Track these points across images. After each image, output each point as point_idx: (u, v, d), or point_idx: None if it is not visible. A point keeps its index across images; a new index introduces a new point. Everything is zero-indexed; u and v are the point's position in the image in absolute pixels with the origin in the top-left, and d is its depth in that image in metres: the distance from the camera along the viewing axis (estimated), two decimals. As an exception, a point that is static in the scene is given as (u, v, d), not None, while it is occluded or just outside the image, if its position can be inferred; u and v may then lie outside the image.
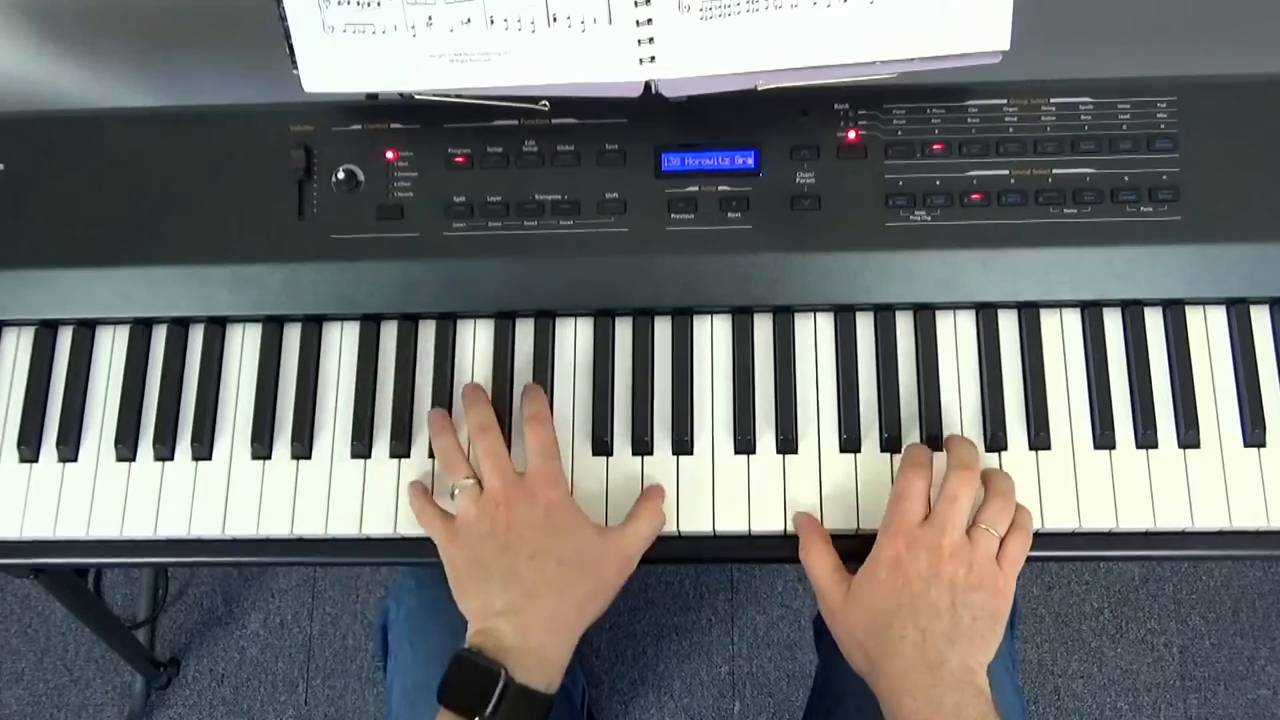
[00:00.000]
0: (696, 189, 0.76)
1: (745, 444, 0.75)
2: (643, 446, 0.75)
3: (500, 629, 0.65)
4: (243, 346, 0.79)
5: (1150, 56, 0.82)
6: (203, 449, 0.77)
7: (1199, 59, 0.79)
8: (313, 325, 0.79)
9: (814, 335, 0.77)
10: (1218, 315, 0.76)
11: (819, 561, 0.70)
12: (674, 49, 0.68)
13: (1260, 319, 0.76)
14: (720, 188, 0.76)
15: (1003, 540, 0.68)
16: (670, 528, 0.74)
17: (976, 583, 0.65)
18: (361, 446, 0.76)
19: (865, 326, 0.77)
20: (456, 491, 0.71)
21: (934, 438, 0.74)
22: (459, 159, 0.77)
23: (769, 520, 0.74)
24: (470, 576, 0.68)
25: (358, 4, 0.68)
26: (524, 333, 0.78)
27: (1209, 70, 0.76)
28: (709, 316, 0.78)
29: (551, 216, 0.76)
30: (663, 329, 0.78)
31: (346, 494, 0.76)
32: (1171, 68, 0.77)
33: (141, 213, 0.77)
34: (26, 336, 0.80)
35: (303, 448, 0.76)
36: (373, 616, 1.51)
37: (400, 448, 0.76)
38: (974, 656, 0.65)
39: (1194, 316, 0.76)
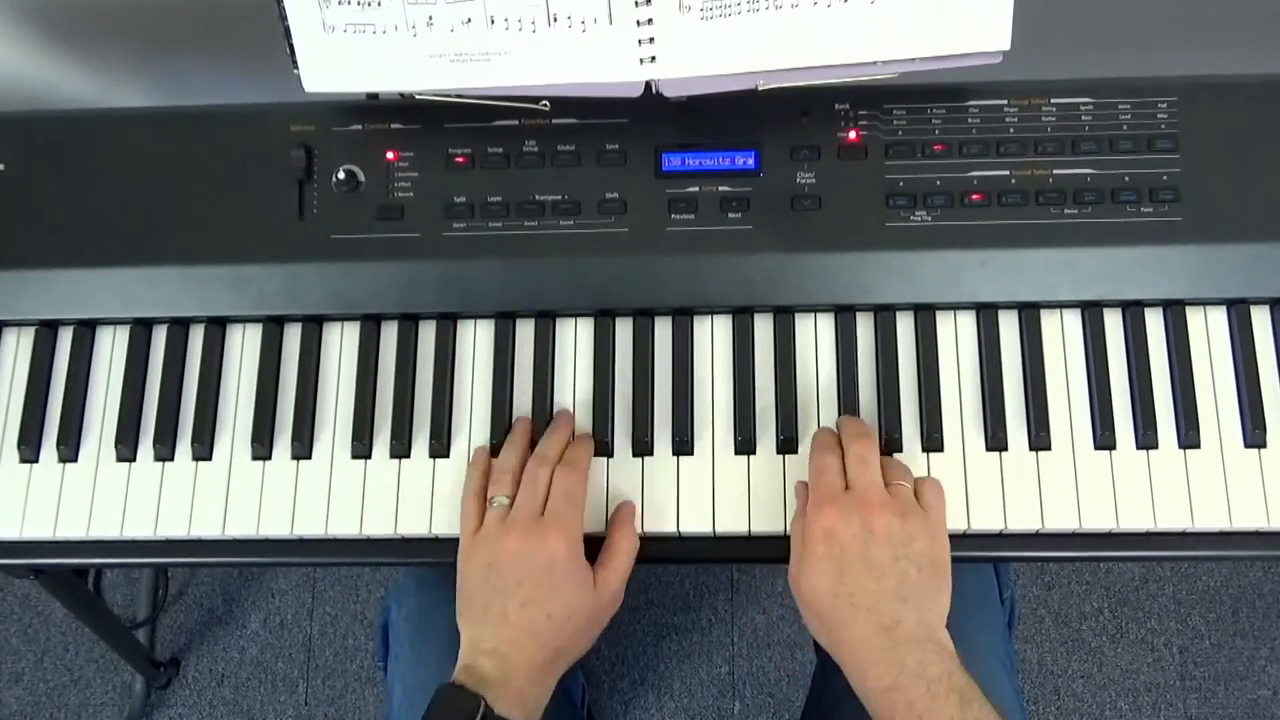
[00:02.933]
0: (697, 189, 0.76)
1: (745, 444, 0.75)
2: (643, 447, 0.75)
3: (484, 667, 0.67)
4: (243, 346, 0.79)
5: (1150, 56, 0.82)
6: (203, 449, 0.77)
7: (1199, 59, 0.79)
8: (313, 325, 0.79)
9: (814, 335, 0.77)
10: (1218, 315, 0.76)
11: (797, 531, 0.70)
12: (674, 49, 0.68)
13: (1260, 319, 0.76)
14: (720, 188, 0.76)
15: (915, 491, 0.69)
16: (670, 528, 0.74)
17: (913, 531, 0.66)
18: (362, 447, 0.76)
19: (865, 326, 0.77)
20: (492, 504, 0.72)
21: (934, 438, 0.74)
22: (459, 159, 0.77)
23: (769, 520, 0.74)
24: (470, 604, 0.70)
25: (358, 4, 0.68)
26: (524, 333, 0.78)
27: (1209, 70, 0.76)
28: (709, 316, 0.78)
29: (551, 216, 0.76)
30: (663, 329, 0.78)
31: (346, 494, 0.76)
32: (1171, 68, 0.77)
33: (141, 213, 0.77)
34: (26, 336, 0.80)
35: (303, 448, 0.76)
36: (373, 616, 1.51)
37: (400, 448, 0.76)
38: (929, 612, 0.65)
39: (1194, 316, 0.76)
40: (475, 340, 0.78)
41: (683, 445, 0.75)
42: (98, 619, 1.29)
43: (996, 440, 0.74)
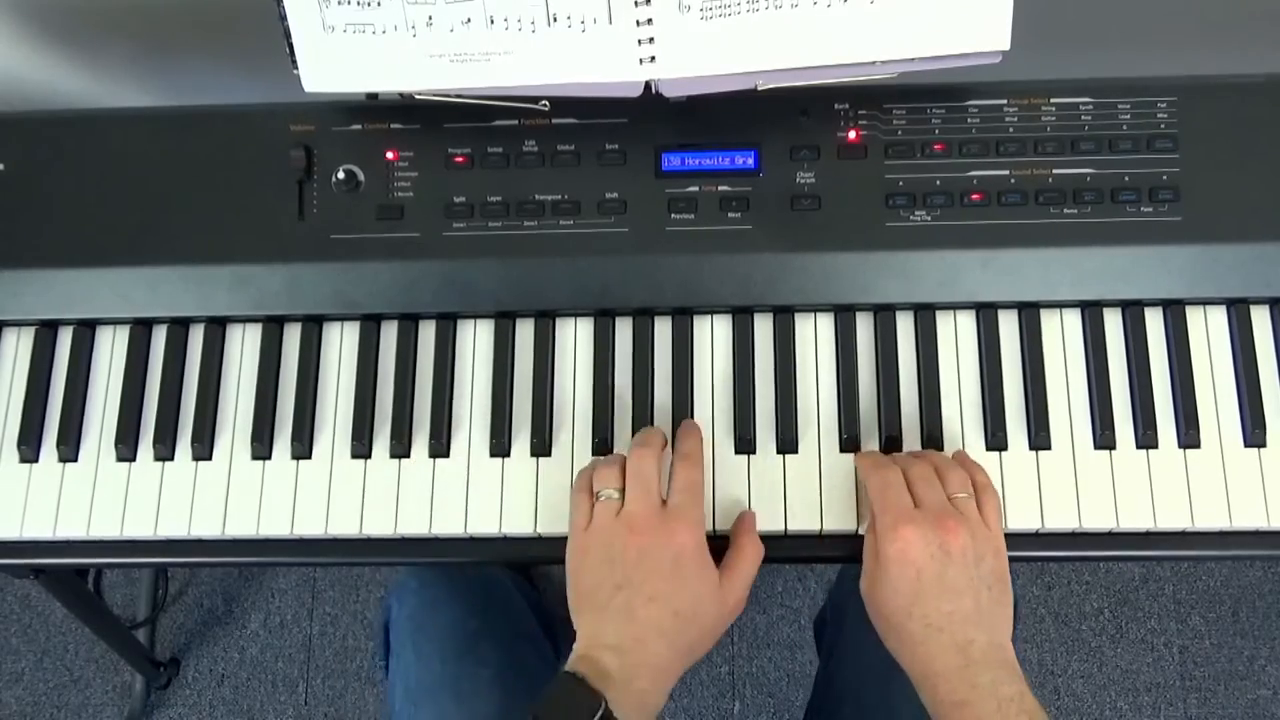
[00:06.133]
0: (696, 189, 0.76)
1: (745, 444, 0.75)
2: (643, 446, 0.75)
3: (606, 662, 0.64)
4: (243, 346, 0.79)
5: (1150, 56, 0.82)
6: (203, 449, 0.77)
7: (1199, 59, 0.79)
8: (313, 325, 0.79)
9: (814, 335, 0.77)
10: (1218, 315, 0.76)
11: (870, 544, 0.69)
12: (674, 49, 0.68)
13: (1260, 319, 0.76)
14: (720, 188, 0.76)
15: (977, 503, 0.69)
16: (670, 528, 0.74)
17: (981, 551, 0.66)
18: (361, 446, 0.76)
19: (865, 326, 0.77)
20: (600, 498, 0.69)
21: (934, 438, 0.74)
22: (459, 159, 0.77)
23: (768, 520, 0.74)
24: (588, 598, 0.67)
25: (358, 4, 0.68)
26: (524, 333, 0.78)
27: (1209, 70, 0.76)
28: (709, 316, 0.78)
29: (551, 216, 0.76)
30: (663, 329, 0.78)
31: (346, 494, 0.76)
32: (1171, 68, 0.77)
33: (141, 213, 0.77)
34: (26, 336, 0.80)
35: (303, 448, 0.76)
36: (373, 616, 1.51)
37: (400, 448, 0.76)
38: (999, 632, 0.65)
39: (1194, 316, 0.76)
40: (475, 340, 0.78)
41: (683, 445, 0.75)
42: (98, 619, 1.29)
43: (996, 440, 0.74)
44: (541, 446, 0.75)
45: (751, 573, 0.71)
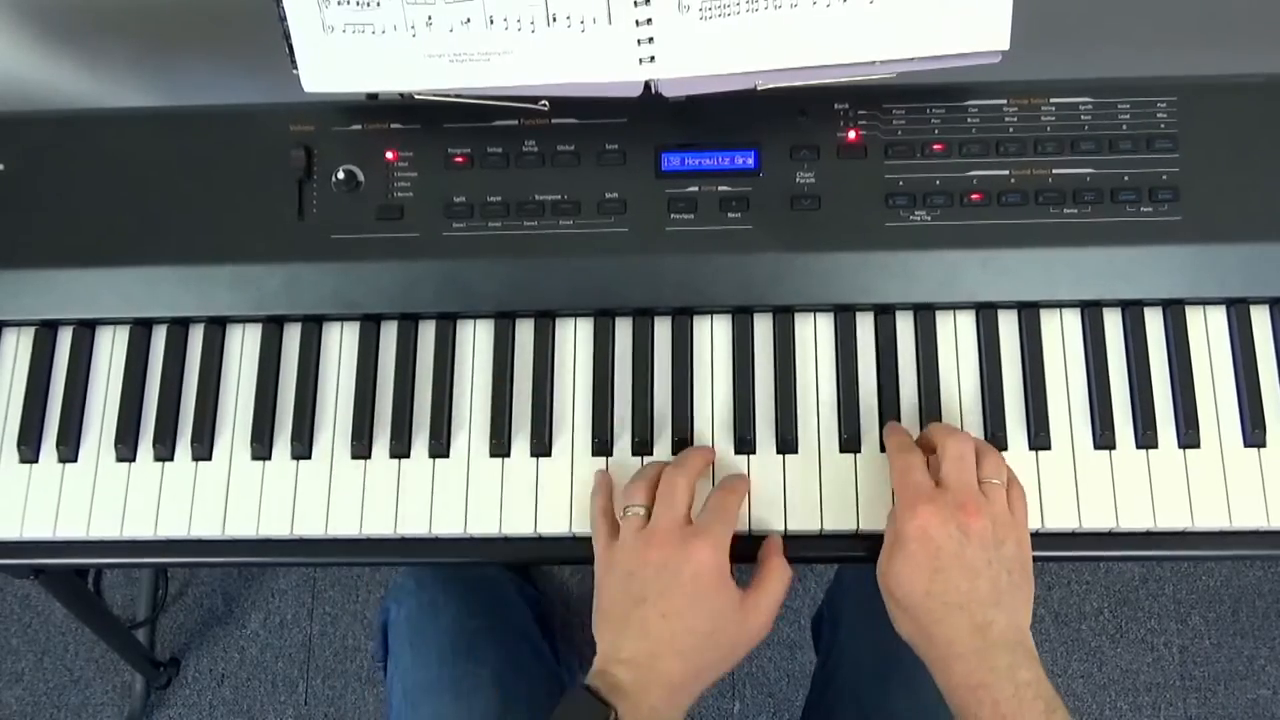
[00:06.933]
0: (696, 189, 0.76)
1: (745, 444, 0.75)
2: (643, 447, 0.75)
3: (619, 676, 0.64)
4: (243, 346, 0.79)
5: (1150, 56, 0.82)
6: (202, 449, 0.77)
7: (1199, 59, 0.79)
8: (313, 325, 0.79)
9: (814, 335, 0.77)
10: (1218, 315, 0.76)
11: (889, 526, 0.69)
12: (674, 49, 0.68)
13: (1260, 319, 0.76)
14: (720, 188, 0.76)
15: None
16: (670, 528, 0.74)
17: (1003, 536, 0.66)
18: (361, 447, 0.76)
19: (865, 326, 0.77)
20: (626, 513, 0.69)
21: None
22: (459, 159, 0.77)
23: (769, 520, 0.74)
24: (607, 613, 0.67)
25: (358, 4, 0.68)
26: (524, 333, 0.78)
27: (1209, 70, 0.76)
28: (709, 316, 0.78)
29: (551, 216, 0.76)
30: (663, 329, 0.78)
31: (347, 494, 0.76)
32: (1171, 68, 0.77)
33: (141, 213, 0.77)
34: (26, 336, 0.80)
35: (303, 448, 0.76)
36: (373, 616, 1.51)
37: (400, 448, 0.76)
38: (1018, 615, 0.65)
39: (1194, 316, 0.76)
40: (475, 340, 0.78)
41: (682, 445, 0.75)
42: (98, 619, 1.29)
43: (996, 440, 0.74)
44: (541, 447, 0.75)
45: (778, 594, 0.69)
